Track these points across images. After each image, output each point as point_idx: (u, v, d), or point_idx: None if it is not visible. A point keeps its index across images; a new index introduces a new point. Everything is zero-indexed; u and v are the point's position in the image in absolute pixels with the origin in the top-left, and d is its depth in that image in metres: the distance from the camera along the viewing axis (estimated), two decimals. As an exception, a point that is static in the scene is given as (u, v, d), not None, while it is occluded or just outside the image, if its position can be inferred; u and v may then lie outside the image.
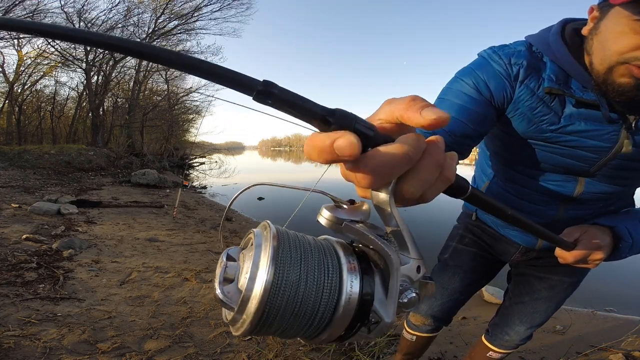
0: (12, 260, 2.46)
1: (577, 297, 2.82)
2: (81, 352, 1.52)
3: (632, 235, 0.72)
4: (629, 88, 0.58)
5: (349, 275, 0.25)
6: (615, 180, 0.76)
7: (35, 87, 14.10)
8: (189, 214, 5.25)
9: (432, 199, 0.27)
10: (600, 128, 0.67)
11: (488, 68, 0.71)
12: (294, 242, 0.26)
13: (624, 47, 0.56)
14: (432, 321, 1.18)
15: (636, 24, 0.54)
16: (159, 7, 12.92)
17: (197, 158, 17.30)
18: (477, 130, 0.70)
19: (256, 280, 0.23)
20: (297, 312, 0.24)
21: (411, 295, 0.25)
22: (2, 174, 6.83)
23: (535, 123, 0.71)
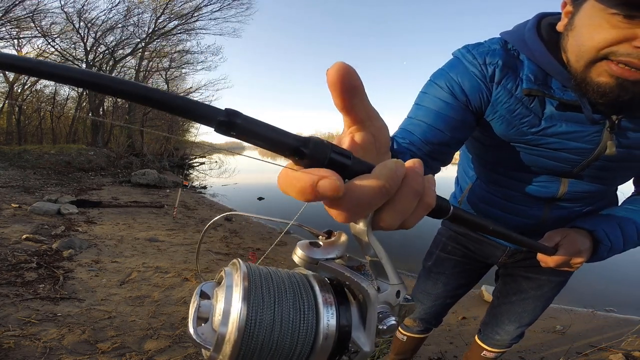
0: (12, 260, 2.46)
1: (577, 297, 2.83)
2: (81, 352, 1.52)
3: (611, 238, 0.73)
4: (609, 89, 0.55)
5: (325, 311, 0.24)
6: (599, 180, 0.75)
7: (35, 87, 14.11)
8: (189, 214, 5.25)
9: (414, 226, 0.26)
10: (582, 129, 0.65)
11: (462, 69, 0.67)
12: (266, 281, 0.25)
13: (600, 43, 0.53)
14: (420, 323, 1.22)
15: (612, 17, 0.51)
16: (159, 7, 12.92)
17: (197, 158, 17.30)
18: (455, 137, 0.67)
19: (229, 323, 0.23)
20: (273, 352, 0.23)
21: (390, 322, 0.25)
22: (2, 174, 6.83)
23: (515, 126, 0.68)
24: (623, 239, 0.74)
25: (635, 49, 0.50)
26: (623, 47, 0.51)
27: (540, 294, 1.02)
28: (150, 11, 12.93)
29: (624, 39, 0.51)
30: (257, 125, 0.20)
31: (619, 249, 0.75)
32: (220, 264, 2.96)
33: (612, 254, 0.76)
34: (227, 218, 5.30)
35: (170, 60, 15.60)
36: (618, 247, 0.74)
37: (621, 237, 0.74)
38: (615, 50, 0.52)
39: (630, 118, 0.63)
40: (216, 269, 2.81)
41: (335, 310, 0.25)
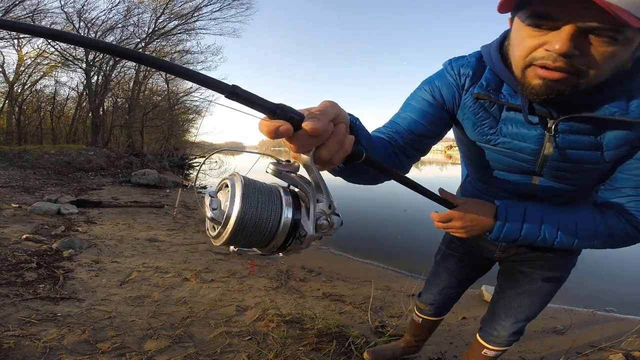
0: (12, 260, 2.46)
1: (577, 297, 2.83)
2: (81, 352, 1.52)
3: (510, 217, 0.75)
4: (539, 89, 0.61)
5: (286, 207, 0.39)
6: (561, 179, 0.79)
7: (35, 87, 14.10)
8: (189, 214, 5.25)
9: (339, 162, 0.43)
10: (529, 131, 0.73)
11: (443, 78, 0.81)
12: (254, 186, 0.39)
13: (523, 51, 0.62)
14: (431, 308, 1.40)
15: (528, 28, 0.60)
16: (159, 7, 12.92)
17: (197, 158, 17.29)
18: (432, 131, 0.81)
19: (234, 206, 0.37)
20: (256, 228, 0.38)
21: (322, 221, 0.40)
22: (2, 174, 6.83)
23: (478, 127, 0.79)
24: (526, 225, 0.76)
25: (546, 52, 0.58)
26: (539, 52, 0.59)
27: (535, 289, 1.05)
28: (150, 11, 12.94)
29: (538, 45, 0.59)
30: (249, 95, 0.34)
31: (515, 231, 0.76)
32: (220, 264, 2.96)
33: (509, 235, 0.77)
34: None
35: (171, 60, 15.57)
36: (514, 229, 0.76)
37: (520, 222, 0.76)
38: (535, 55, 0.60)
39: (567, 121, 0.69)
40: (216, 268, 2.82)
41: (292, 208, 0.39)
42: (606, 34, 0.54)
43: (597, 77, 0.59)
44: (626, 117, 0.64)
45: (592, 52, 0.56)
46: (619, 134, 0.68)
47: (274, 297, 2.33)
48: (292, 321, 1.97)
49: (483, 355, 1.19)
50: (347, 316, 2.16)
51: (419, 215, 5.93)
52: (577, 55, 0.56)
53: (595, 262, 3.93)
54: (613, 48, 0.55)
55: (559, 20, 0.55)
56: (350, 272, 3.20)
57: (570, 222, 0.75)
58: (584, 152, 0.71)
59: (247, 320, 1.97)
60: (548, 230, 0.76)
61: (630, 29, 0.54)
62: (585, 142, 0.71)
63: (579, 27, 0.54)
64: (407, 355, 1.64)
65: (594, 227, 0.75)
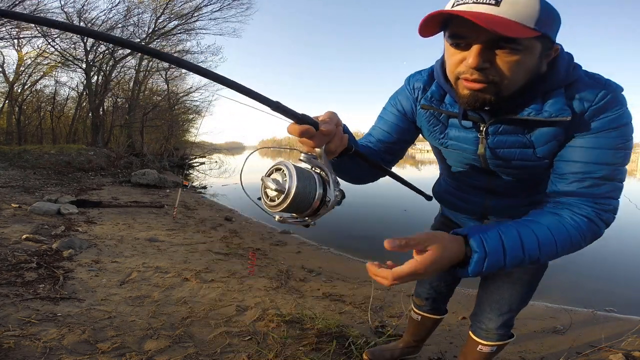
0: (12, 260, 2.46)
1: (577, 297, 2.83)
2: (81, 352, 1.52)
3: (487, 246, 0.64)
4: (468, 98, 0.71)
5: (318, 182, 0.56)
6: (509, 175, 0.90)
7: (35, 87, 14.10)
8: (189, 214, 5.25)
9: (337, 154, 0.65)
10: (467, 134, 0.84)
11: (403, 93, 0.95)
12: (299, 168, 0.56)
13: (452, 67, 0.72)
14: (427, 302, 1.43)
15: (451, 48, 0.70)
16: (159, 7, 12.92)
17: (197, 158, 17.28)
18: (400, 139, 0.96)
19: (293, 182, 0.53)
20: (304, 196, 0.54)
21: (337, 192, 0.59)
22: (2, 174, 6.83)
23: (431, 132, 0.92)
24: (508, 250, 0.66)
25: (465, 67, 0.68)
26: (461, 67, 0.69)
27: (514, 280, 1.09)
28: (150, 11, 12.94)
29: (459, 61, 0.69)
30: (287, 108, 0.52)
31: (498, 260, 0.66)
32: (220, 264, 2.96)
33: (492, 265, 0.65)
34: (227, 218, 5.30)
35: (170, 60, 15.55)
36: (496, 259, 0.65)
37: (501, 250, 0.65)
38: (459, 70, 0.70)
39: (495, 124, 0.79)
40: (216, 268, 2.82)
41: (322, 183, 0.57)
42: (507, 46, 0.63)
43: (512, 84, 0.68)
44: (540, 117, 0.72)
45: (500, 63, 0.65)
46: (544, 131, 0.76)
47: (274, 297, 2.33)
48: (292, 321, 1.97)
49: (479, 352, 1.20)
50: (347, 316, 2.16)
51: (419, 215, 5.93)
52: (488, 67, 0.66)
53: (595, 262, 3.93)
54: (517, 57, 0.64)
55: (470, 38, 0.65)
56: (350, 272, 3.20)
57: (545, 232, 0.69)
58: (514, 150, 0.81)
59: (247, 320, 1.97)
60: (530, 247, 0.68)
61: (527, 39, 0.63)
62: (513, 142, 0.80)
63: (484, 43, 0.64)
64: (406, 356, 1.64)
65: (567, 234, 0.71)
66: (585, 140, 0.73)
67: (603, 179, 0.72)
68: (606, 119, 0.71)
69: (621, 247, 4.56)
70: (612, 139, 0.71)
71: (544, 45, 0.67)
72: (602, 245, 4.56)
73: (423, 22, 0.65)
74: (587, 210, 0.71)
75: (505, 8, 0.60)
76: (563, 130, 0.74)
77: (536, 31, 0.61)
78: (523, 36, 0.60)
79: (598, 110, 0.70)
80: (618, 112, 0.71)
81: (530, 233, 0.68)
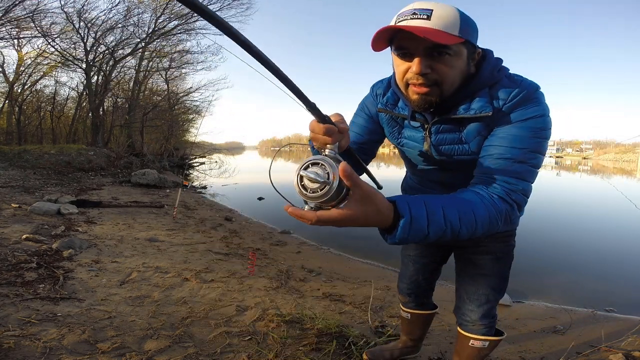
0: (12, 260, 2.46)
1: (577, 297, 2.83)
2: (81, 352, 1.52)
3: (412, 211, 0.64)
4: (418, 101, 0.83)
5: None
6: (455, 169, 1.00)
7: (35, 87, 14.10)
8: (189, 214, 5.25)
9: (345, 148, 0.75)
10: (416, 134, 0.98)
11: (369, 98, 1.08)
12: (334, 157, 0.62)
13: (399, 76, 0.83)
14: (410, 299, 1.48)
15: (397, 58, 0.82)
16: (159, 7, 12.90)
17: (197, 158, 17.28)
18: (370, 139, 1.09)
19: (335, 176, 0.56)
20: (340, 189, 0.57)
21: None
22: (2, 174, 6.83)
23: (391, 133, 1.05)
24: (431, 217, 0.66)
25: (411, 74, 0.79)
26: (408, 74, 0.81)
27: (483, 272, 1.16)
28: (150, 11, 12.92)
29: (406, 70, 0.81)
30: (318, 110, 0.60)
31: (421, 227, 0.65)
32: (220, 264, 2.96)
33: (415, 233, 0.65)
34: (227, 218, 5.30)
35: (170, 60, 15.56)
36: (420, 225, 0.65)
37: (425, 216, 0.66)
38: (407, 77, 0.81)
39: (438, 124, 0.91)
40: (216, 268, 2.82)
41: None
42: (441, 51, 0.76)
43: (451, 85, 0.81)
44: (468, 114, 0.84)
45: (438, 67, 0.78)
46: (472, 127, 0.87)
47: (274, 297, 2.33)
48: (292, 321, 1.97)
49: (471, 347, 1.21)
50: (347, 316, 2.16)
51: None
52: (430, 72, 0.78)
53: (595, 262, 3.93)
54: (450, 61, 0.77)
55: (411, 48, 0.78)
56: (350, 272, 3.20)
57: (464, 206, 0.71)
58: (453, 146, 0.93)
59: (247, 320, 1.97)
60: (452, 220, 0.69)
61: (455, 44, 0.76)
62: (452, 139, 0.92)
63: (423, 51, 0.76)
64: (406, 356, 1.64)
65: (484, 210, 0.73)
66: (501, 130, 0.83)
67: (514, 160, 0.79)
68: (519, 112, 0.81)
69: (621, 247, 4.56)
70: (524, 128, 0.80)
71: (468, 49, 0.80)
72: (602, 245, 4.58)
73: (375, 38, 0.75)
74: (497, 190, 0.77)
75: (434, 21, 0.73)
76: (485, 125, 0.85)
77: (460, 38, 0.75)
78: (450, 42, 0.73)
79: (512, 105, 0.81)
80: (531, 106, 0.81)
81: (451, 205, 0.70)
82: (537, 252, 4.04)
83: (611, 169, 30.12)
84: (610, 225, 6.02)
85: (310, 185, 0.56)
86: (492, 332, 1.20)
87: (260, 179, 12.19)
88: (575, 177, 18.30)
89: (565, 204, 8.09)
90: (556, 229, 5.56)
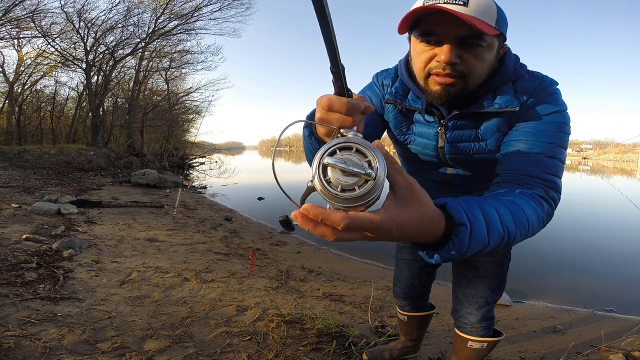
0: (12, 260, 2.46)
1: (577, 297, 2.83)
2: (81, 352, 1.52)
3: (470, 216, 0.50)
4: (439, 93, 0.76)
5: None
6: (467, 167, 0.95)
7: (35, 87, 14.10)
8: (189, 214, 5.25)
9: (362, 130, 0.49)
10: (428, 129, 0.91)
11: (372, 88, 1.00)
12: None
13: (422, 64, 0.76)
14: (406, 302, 1.45)
15: (421, 45, 0.75)
16: (159, 7, 12.91)
17: (197, 158, 17.28)
18: (370, 132, 0.98)
19: (380, 163, 0.38)
20: (380, 185, 0.39)
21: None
22: (2, 174, 6.83)
23: (398, 128, 0.97)
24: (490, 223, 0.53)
25: (437, 62, 0.73)
26: (433, 63, 0.74)
27: (481, 275, 1.14)
28: (150, 11, 12.93)
29: (430, 58, 0.74)
30: (346, 83, 0.43)
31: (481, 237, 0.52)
32: (220, 264, 2.96)
33: (475, 244, 0.51)
34: (227, 218, 5.30)
35: (170, 60, 15.58)
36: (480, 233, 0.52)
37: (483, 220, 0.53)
38: (430, 66, 0.75)
39: (455, 119, 0.85)
40: (216, 268, 2.82)
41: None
42: (474, 42, 0.70)
43: (478, 78, 0.76)
44: (491, 109, 0.80)
45: (468, 58, 0.72)
46: (490, 124, 0.83)
47: (274, 297, 2.33)
48: (292, 321, 1.97)
49: (470, 349, 1.20)
50: (347, 316, 2.16)
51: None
52: (459, 63, 0.72)
53: (595, 262, 3.93)
54: (482, 53, 0.72)
55: (440, 35, 0.71)
56: (350, 272, 3.20)
57: (514, 207, 0.60)
58: (469, 143, 0.88)
59: (247, 320, 1.97)
60: (508, 224, 0.56)
61: (489, 36, 0.70)
62: (468, 135, 0.87)
63: (455, 39, 0.70)
64: (406, 356, 1.64)
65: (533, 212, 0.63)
66: (526, 125, 0.79)
67: (545, 154, 0.74)
68: (543, 106, 0.79)
69: (621, 247, 4.56)
70: (549, 123, 0.77)
71: (499, 43, 0.76)
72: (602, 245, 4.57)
73: (406, 18, 0.70)
74: (536, 187, 0.69)
75: (472, 8, 0.67)
76: (506, 120, 0.82)
77: (497, 29, 0.70)
78: (490, 33, 0.68)
79: (536, 100, 0.79)
80: (553, 101, 0.79)
81: (502, 206, 0.57)
82: (537, 252, 4.04)
83: (611, 169, 30.13)
84: (610, 225, 6.02)
85: (342, 179, 0.38)
86: (490, 333, 1.19)
87: (261, 179, 12.19)
88: (576, 177, 18.29)
89: (566, 204, 8.04)
90: (556, 228, 5.56)
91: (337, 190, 0.38)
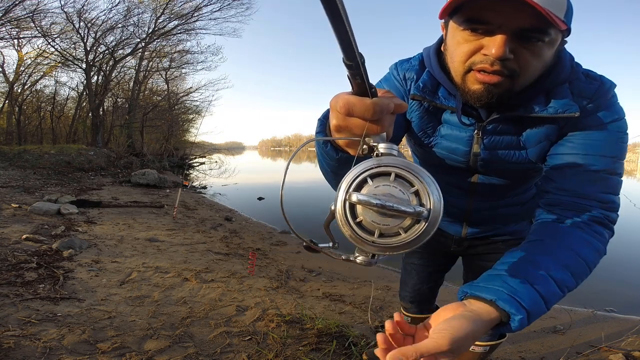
0: (12, 260, 2.46)
1: (577, 297, 2.83)
2: (81, 352, 1.52)
3: (525, 302, 0.52)
4: (480, 94, 0.63)
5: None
6: (497, 176, 0.83)
7: (35, 87, 14.10)
8: (189, 214, 5.25)
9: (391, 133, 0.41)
10: (460, 133, 0.77)
11: (390, 81, 0.83)
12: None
13: (462, 57, 0.63)
14: (413, 306, 1.40)
15: (464, 33, 0.61)
16: (159, 7, 12.91)
17: (197, 158, 17.28)
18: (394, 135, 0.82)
19: (435, 197, 0.31)
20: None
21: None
22: (2, 174, 6.83)
23: (422, 129, 0.82)
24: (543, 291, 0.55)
25: (484, 56, 0.59)
26: (477, 57, 0.61)
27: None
28: (150, 11, 12.93)
29: (475, 50, 0.61)
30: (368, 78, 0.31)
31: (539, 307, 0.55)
32: (220, 264, 2.96)
33: (536, 314, 0.55)
34: (227, 218, 5.30)
35: (170, 60, 15.59)
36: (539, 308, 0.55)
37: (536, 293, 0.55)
38: (473, 60, 0.62)
39: (494, 123, 0.72)
40: (216, 268, 2.82)
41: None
42: (535, 36, 0.57)
43: (529, 79, 0.63)
44: (545, 114, 0.67)
45: (524, 54, 0.59)
46: (536, 131, 0.71)
47: (274, 297, 2.33)
48: (292, 321, 1.97)
49: (472, 352, 1.18)
50: (347, 316, 2.16)
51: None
52: (511, 58, 0.59)
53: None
54: (541, 49, 0.59)
55: (493, 24, 0.57)
56: (350, 272, 3.20)
57: (571, 254, 0.60)
58: (509, 151, 0.75)
59: (247, 320, 1.97)
60: (565, 279, 0.57)
61: (555, 30, 0.57)
62: (508, 142, 0.74)
63: (512, 31, 0.57)
64: None
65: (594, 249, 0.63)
66: (582, 134, 0.68)
67: (605, 172, 0.66)
68: (603, 113, 0.68)
69: (621, 247, 4.56)
70: (609, 132, 0.67)
71: (562, 40, 0.63)
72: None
73: (450, 2, 0.58)
74: (594, 213, 0.64)
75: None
76: (557, 128, 0.70)
77: (565, 23, 0.57)
78: (561, 27, 0.55)
79: (595, 106, 0.68)
80: (613, 107, 0.69)
81: (557, 264, 0.57)
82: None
83: (611, 169, 30.06)
84: (610, 225, 6.02)
85: (380, 221, 0.29)
86: (495, 338, 1.15)
87: (260, 179, 12.19)
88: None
89: (565, 204, 8.06)
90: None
91: (375, 236, 0.29)
